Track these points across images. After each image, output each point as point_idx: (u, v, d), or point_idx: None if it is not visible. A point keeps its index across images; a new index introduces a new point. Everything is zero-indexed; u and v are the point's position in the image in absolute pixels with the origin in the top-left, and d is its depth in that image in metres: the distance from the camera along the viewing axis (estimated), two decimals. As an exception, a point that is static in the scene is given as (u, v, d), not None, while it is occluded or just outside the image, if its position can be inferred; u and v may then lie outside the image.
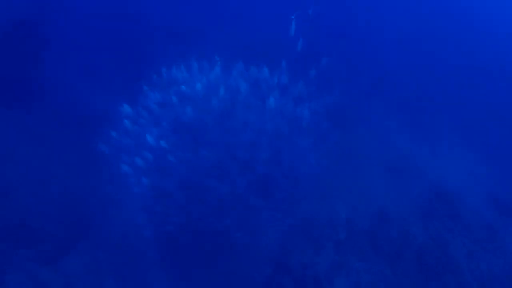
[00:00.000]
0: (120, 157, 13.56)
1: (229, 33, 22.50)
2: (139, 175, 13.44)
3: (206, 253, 13.75)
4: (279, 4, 24.88)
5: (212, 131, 13.89)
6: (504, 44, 32.42)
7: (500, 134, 22.36)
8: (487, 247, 15.61)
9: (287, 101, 14.67)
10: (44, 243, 13.11)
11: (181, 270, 13.47)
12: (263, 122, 14.05)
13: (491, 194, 18.05)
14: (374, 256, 14.33)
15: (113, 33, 20.68)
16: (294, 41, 17.79)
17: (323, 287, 13.36)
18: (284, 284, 13.20)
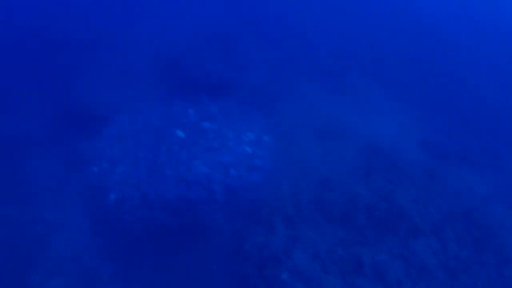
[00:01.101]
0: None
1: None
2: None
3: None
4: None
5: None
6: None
7: (421, 81, 23.62)
8: (430, 190, 16.25)
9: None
10: None
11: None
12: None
13: (423, 141, 18.99)
14: (326, 223, 14.56)
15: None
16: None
17: (283, 264, 13.37)
18: (244, 270, 13.12)
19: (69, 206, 14.70)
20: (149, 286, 13.15)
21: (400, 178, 16.41)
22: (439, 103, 22.30)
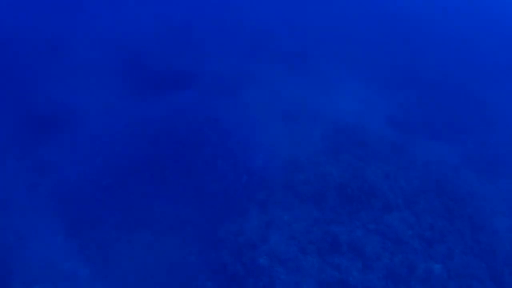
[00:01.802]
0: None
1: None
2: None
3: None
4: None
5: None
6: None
7: (384, 58, 24.00)
8: (399, 165, 16.43)
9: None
10: None
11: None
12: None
13: (388, 116, 19.23)
14: (299, 204, 14.47)
15: None
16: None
17: (260, 249, 13.20)
18: (221, 257, 12.89)
19: (39, 210, 14.15)
20: (126, 285, 12.74)
21: (369, 154, 16.52)
22: (403, 79, 22.68)
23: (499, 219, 15.86)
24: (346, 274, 13.00)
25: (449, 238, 14.86)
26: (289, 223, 13.87)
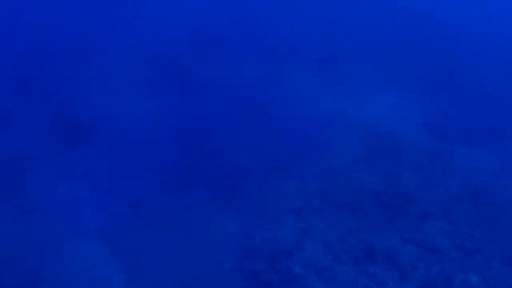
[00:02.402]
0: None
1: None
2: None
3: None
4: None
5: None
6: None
7: (419, 62, 23.46)
8: (436, 172, 16.12)
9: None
10: None
11: None
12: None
13: (424, 123, 18.84)
14: (334, 212, 14.43)
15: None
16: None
17: (295, 257, 13.25)
18: (255, 265, 12.99)
19: (75, 216, 14.59)
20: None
21: (405, 161, 16.28)
22: (439, 84, 22.15)
23: (540, 229, 15.40)
24: (381, 284, 12.92)
25: (487, 248, 14.53)
26: (324, 231, 13.86)
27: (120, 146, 17.07)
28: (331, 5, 28.78)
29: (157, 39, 23.19)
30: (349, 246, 13.65)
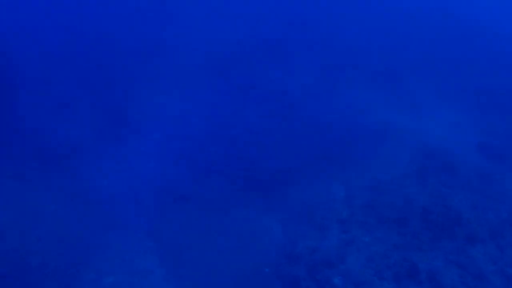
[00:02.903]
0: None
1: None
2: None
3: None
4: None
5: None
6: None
7: (476, 81, 22.62)
8: (488, 194, 15.58)
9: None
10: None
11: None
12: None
13: (478, 142, 18.19)
14: (380, 226, 14.17)
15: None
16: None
17: (336, 268, 13.12)
18: (296, 272, 12.95)
19: (120, 210, 14.82)
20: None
21: (456, 181, 15.79)
22: (496, 102, 21.30)
23: None
24: (422, 305, 12.71)
25: (533, 278, 14.04)
26: (368, 245, 13.66)
27: (172, 142, 17.25)
28: (391, 18, 28.01)
29: (215, 40, 23.33)
30: (392, 263, 13.42)
